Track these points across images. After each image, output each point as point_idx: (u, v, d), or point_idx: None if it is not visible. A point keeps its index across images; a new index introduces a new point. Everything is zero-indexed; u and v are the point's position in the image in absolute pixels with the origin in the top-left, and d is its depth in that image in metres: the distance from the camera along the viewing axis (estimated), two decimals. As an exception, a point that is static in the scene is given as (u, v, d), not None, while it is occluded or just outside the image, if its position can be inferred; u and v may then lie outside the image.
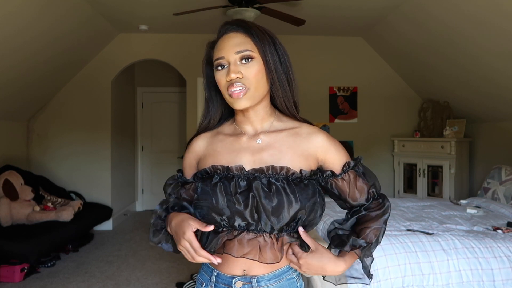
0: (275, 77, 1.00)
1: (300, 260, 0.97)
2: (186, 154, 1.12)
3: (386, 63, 5.16)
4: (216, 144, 1.06)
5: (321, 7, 3.95)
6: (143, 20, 4.37)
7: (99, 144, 4.97)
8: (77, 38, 4.15)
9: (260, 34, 1.00)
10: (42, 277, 3.40)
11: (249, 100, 0.98)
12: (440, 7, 3.37)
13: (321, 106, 5.10)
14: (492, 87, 3.79)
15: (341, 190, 1.04)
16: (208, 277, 1.05)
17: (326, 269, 0.97)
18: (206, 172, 1.02)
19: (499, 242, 2.25)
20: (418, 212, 3.05)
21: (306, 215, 0.96)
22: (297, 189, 0.95)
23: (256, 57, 0.98)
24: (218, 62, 0.99)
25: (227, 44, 0.98)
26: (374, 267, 2.09)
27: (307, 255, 0.97)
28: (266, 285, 1.00)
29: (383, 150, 5.18)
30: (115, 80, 5.04)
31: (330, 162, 1.03)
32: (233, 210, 0.94)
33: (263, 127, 1.05)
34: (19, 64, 3.70)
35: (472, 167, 4.68)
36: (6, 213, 3.65)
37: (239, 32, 1.00)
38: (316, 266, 0.97)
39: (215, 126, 1.11)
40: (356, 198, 1.04)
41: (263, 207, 0.93)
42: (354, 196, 1.04)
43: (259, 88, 0.99)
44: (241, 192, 0.95)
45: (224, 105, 1.10)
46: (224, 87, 0.98)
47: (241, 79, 0.96)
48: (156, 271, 3.55)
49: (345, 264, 1.00)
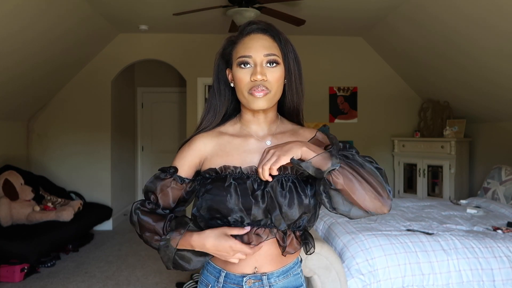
0: (294, 85, 1.04)
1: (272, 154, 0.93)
2: (186, 152, 1.07)
3: (386, 63, 5.16)
4: (224, 145, 1.05)
5: (321, 7, 3.94)
6: (143, 20, 4.37)
7: (99, 144, 4.97)
8: (77, 38, 4.14)
9: (285, 41, 1.03)
10: (42, 277, 3.40)
11: (268, 102, 1.00)
12: (440, 7, 3.37)
13: (321, 106, 5.10)
14: (492, 87, 3.79)
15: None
16: (215, 278, 1.04)
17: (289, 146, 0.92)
18: (216, 172, 1.01)
19: (499, 242, 2.25)
20: (418, 212, 3.05)
21: (311, 211, 0.99)
22: (306, 187, 0.98)
23: (280, 63, 1.01)
24: (243, 60, 0.99)
25: (256, 44, 1.00)
26: (374, 267, 2.10)
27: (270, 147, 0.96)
28: (276, 281, 1.02)
29: (383, 150, 5.18)
30: (115, 80, 5.04)
31: None
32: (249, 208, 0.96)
33: (270, 129, 1.07)
34: (19, 64, 3.70)
35: (472, 167, 4.68)
36: (6, 213, 3.65)
37: (266, 35, 1.02)
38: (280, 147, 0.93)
39: (218, 124, 1.09)
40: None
41: (278, 205, 0.95)
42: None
43: (278, 93, 1.02)
44: (257, 191, 0.96)
45: (230, 102, 1.10)
46: (246, 86, 0.99)
47: (265, 82, 0.98)
48: (156, 271, 3.55)
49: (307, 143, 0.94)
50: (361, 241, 2.22)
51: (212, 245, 0.95)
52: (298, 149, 0.91)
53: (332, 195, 0.92)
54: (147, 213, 1.03)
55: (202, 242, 0.96)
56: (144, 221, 1.02)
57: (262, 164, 0.92)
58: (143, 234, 1.03)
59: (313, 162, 0.90)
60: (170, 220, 1.01)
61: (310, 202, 0.97)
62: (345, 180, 0.89)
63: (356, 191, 0.90)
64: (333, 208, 0.93)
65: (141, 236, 1.04)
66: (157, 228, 1.01)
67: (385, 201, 0.92)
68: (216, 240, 0.95)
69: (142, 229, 1.02)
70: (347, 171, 0.90)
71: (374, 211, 0.92)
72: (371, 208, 0.91)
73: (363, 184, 0.90)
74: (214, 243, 0.95)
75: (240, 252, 0.95)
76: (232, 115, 1.12)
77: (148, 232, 1.02)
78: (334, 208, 0.93)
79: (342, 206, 0.92)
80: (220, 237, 0.95)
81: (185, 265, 1.02)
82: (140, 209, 1.04)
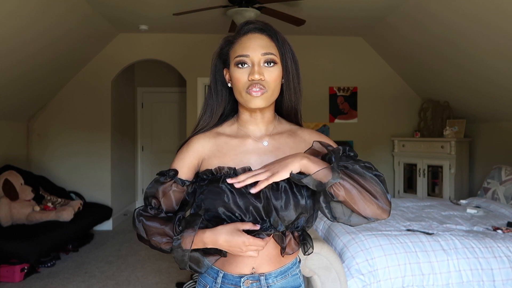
0: (291, 84, 1.04)
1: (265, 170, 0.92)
2: (184, 154, 1.06)
3: (386, 63, 5.16)
4: (221, 146, 1.05)
5: (321, 7, 3.94)
6: (143, 20, 4.37)
7: (99, 144, 4.97)
8: (77, 38, 4.14)
9: (282, 40, 1.02)
10: (42, 277, 3.40)
11: (265, 101, 1.00)
12: (440, 7, 3.37)
13: (321, 106, 5.10)
14: (492, 87, 3.79)
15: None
16: (212, 279, 1.04)
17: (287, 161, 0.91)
18: (211, 173, 1.01)
19: (499, 242, 2.25)
20: (418, 212, 3.05)
21: (308, 212, 0.98)
22: (302, 188, 0.97)
23: (278, 63, 1.01)
24: (240, 59, 0.99)
25: (253, 43, 1.00)
26: (374, 267, 2.10)
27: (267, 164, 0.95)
28: (274, 282, 1.02)
29: (383, 150, 5.18)
30: (115, 80, 5.04)
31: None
32: (248, 207, 0.95)
33: (267, 129, 1.07)
34: (19, 64, 3.70)
35: (472, 167, 4.68)
36: (6, 213, 3.65)
37: (264, 35, 1.02)
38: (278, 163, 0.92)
39: (215, 124, 1.09)
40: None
41: (273, 206, 0.95)
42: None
43: (275, 92, 1.02)
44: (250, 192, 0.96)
45: (227, 102, 1.10)
46: (243, 86, 0.99)
47: (262, 81, 0.98)
48: (156, 271, 3.55)
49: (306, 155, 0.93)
50: (361, 241, 2.22)
51: (225, 241, 0.94)
52: (297, 163, 0.90)
53: (333, 206, 0.92)
54: (151, 218, 1.01)
55: (215, 238, 0.95)
56: (150, 226, 1.00)
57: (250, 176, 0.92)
58: (151, 239, 1.00)
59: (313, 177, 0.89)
60: (180, 220, 1.00)
61: (307, 202, 0.97)
62: (347, 192, 0.89)
63: (357, 201, 0.90)
64: (334, 218, 0.94)
65: (149, 241, 1.01)
66: (166, 230, 0.99)
67: (385, 208, 0.93)
68: (229, 236, 0.94)
69: (149, 234, 1.00)
70: (348, 183, 0.90)
71: (374, 218, 0.93)
72: (371, 215, 0.92)
73: (364, 194, 0.90)
74: (226, 238, 0.94)
75: (253, 245, 0.94)
76: (229, 116, 1.12)
77: (156, 235, 0.99)
78: (335, 218, 0.94)
79: (342, 215, 0.93)
80: (232, 233, 0.94)
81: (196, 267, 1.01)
82: (143, 215, 1.02)
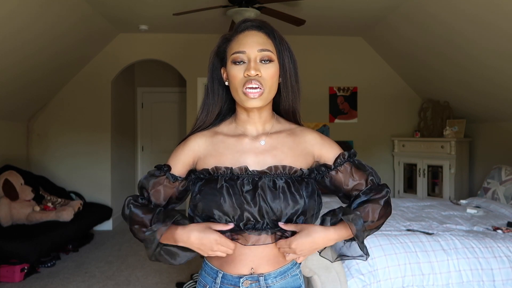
0: (289, 83, 1.03)
1: (291, 245, 0.95)
2: (180, 150, 1.08)
3: (386, 63, 5.16)
4: (218, 145, 1.05)
5: (321, 7, 3.94)
6: (143, 20, 4.37)
7: (99, 144, 4.97)
8: (77, 37, 4.14)
9: (279, 38, 1.02)
10: (42, 277, 3.40)
11: (262, 101, 0.99)
12: (440, 8, 3.37)
13: (321, 106, 5.10)
14: (492, 87, 3.79)
15: (339, 183, 1.05)
16: (212, 279, 1.04)
17: (318, 241, 0.96)
18: (208, 173, 1.01)
19: (499, 242, 2.25)
20: (418, 212, 3.05)
21: (306, 212, 0.98)
22: (300, 187, 0.97)
23: (274, 60, 1.00)
24: (237, 56, 0.99)
25: (250, 40, 0.99)
26: (374, 267, 2.10)
27: (294, 237, 0.96)
28: (273, 282, 1.01)
29: (383, 150, 5.18)
30: (115, 80, 5.04)
31: (325, 156, 1.06)
32: (242, 209, 0.95)
33: (265, 128, 1.06)
34: (19, 64, 3.70)
35: (472, 167, 4.68)
36: (6, 213, 3.65)
37: (261, 32, 1.01)
38: (307, 242, 0.95)
39: (212, 123, 1.09)
40: (355, 189, 1.05)
41: (270, 206, 0.95)
42: (353, 187, 1.05)
43: (272, 90, 1.01)
44: (247, 192, 0.96)
45: (224, 101, 1.10)
46: (240, 82, 0.98)
47: (259, 77, 0.97)
48: (156, 271, 3.55)
49: (335, 232, 0.98)
50: (361, 241, 2.22)
51: (197, 238, 0.95)
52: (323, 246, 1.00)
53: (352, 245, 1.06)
54: (138, 207, 1.03)
55: (187, 235, 0.96)
56: (134, 214, 1.02)
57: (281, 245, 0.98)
58: (133, 227, 1.03)
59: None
60: (158, 213, 1.01)
61: (305, 203, 0.96)
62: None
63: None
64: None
65: (131, 229, 1.04)
66: (145, 220, 1.00)
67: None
68: (201, 233, 0.95)
69: (132, 222, 1.03)
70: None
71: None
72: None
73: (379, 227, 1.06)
74: (199, 235, 0.95)
75: (224, 245, 0.95)
76: (227, 115, 1.11)
77: (136, 224, 1.02)
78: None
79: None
80: (205, 230, 0.95)
81: (169, 260, 1.03)
82: (133, 203, 1.04)
